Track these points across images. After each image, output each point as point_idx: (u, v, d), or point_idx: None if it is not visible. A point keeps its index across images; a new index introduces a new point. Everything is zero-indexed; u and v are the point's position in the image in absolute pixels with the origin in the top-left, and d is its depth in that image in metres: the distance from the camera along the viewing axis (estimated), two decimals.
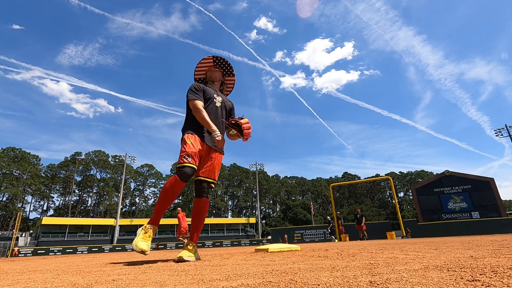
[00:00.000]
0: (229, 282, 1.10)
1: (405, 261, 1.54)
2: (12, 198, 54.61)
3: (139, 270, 1.81)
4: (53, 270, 2.29)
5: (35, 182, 57.54)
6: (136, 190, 71.55)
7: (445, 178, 29.50)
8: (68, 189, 63.29)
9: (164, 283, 1.16)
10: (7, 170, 54.12)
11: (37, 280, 1.55)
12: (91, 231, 44.10)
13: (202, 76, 3.05)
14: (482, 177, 28.38)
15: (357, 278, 1.02)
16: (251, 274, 1.29)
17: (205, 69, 3.03)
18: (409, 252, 2.17)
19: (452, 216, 27.87)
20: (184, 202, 69.57)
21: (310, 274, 1.17)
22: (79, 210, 63.19)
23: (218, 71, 3.01)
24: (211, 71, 2.99)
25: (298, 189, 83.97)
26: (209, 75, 2.99)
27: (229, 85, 3.17)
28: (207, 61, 3.01)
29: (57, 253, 29.54)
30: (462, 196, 28.31)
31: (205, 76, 3.04)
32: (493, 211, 26.31)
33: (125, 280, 1.31)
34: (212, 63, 3.02)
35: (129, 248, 33.65)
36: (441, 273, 1.04)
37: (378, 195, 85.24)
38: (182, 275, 1.39)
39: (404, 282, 0.89)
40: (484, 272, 1.00)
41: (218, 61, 3.02)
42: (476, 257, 1.58)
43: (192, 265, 1.96)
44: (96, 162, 65.56)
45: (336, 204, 78.71)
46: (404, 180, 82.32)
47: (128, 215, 62.99)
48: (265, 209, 78.86)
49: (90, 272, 1.88)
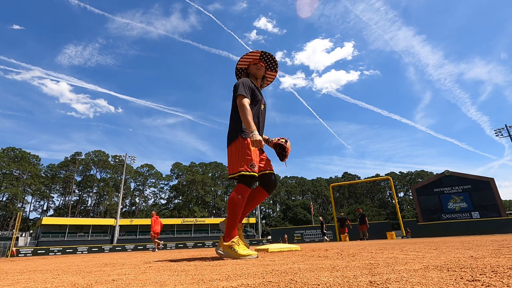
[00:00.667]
0: (229, 282, 1.10)
1: (405, 261, 1.54)
2: (12, 198, 54.63)
3: (139, 270, 1.81)
4: (53, 270, 2.29)
5: (35, 182, 57.56)
6: (136, 190, 71.57)
7: (445, 178, 29.50)
8: (68, 189, 63.32)
9: (164, 283, 1.16)
10: (7, 170, 54.14)
11: (37, 280, 1.55)
12: (91, 231, 44.11)
13: (244, 66, 2.99)
14: (482, 177, 28.39)
15: (357, 278, 1.02)
16: (251, 274, 1.29)
17: (249, 61, 2.95)
18: (409, 252, 2.17)
19: (452, 216, 27.86)
20: (184, 202, 69.60)
21: (310, 274, 1.17)
22: (79, 210, 63.21)
23: (263, 67, 2.95)
24: (256, 65, 2.91)
25: (298, 189, 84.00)
26: (254, 70, 2.92)
27: (269, 79, 3.12)
28: (254, 54, 2.94)
29: (57, 253, 29.55)
30: (462, 196, 28.31)
31: (248, 68, 2.97)
32: (493, 211, 26.31)
33: (125, 280, 1.31)
34: (259, 57, 2.95)
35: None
36: (441, 273, 1.04)
37: (378, 195, 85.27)
38: (182, 275, 1.39)
39: (404, 282, 0.89)
40: (484, 272, 1.00)
41: (265, 55, 2.96)
42: (476, 257, 1.58)
43: (192, 265, 1.96)
44: (96, 162, 65.58)
45: (336, 204, 78.74)
46: (404, 180, 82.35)
47: (128, 215, 63.00)
48: (265, 209, 78.89)
49: (90, 272, 1.88)
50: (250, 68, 2.94)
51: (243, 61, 2.95)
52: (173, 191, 73.44)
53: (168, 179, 74.24)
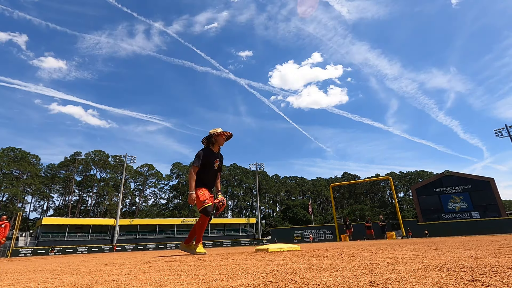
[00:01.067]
0: (229, 282, 1.10)
1: (405, 261, 1.54)
2: (12, 198, 54.63)
3: (139, 270, 1.81)
4: (53, 270, 2.29)
5: (35, 182, 57.54)
6: (136, 190, 71.54)
7: (445, 178, 29.49)
8: (68, 189, 63.29)
9: (164, 283, 1.16)
10: (7, 170, 54.13)
11: (37, 280, 1.55)
12: (91, 231, 44.09)
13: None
14: (482, 177, 28.38)
15: (357, 278, 1.02)
16: (251, 274, 1.29)
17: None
18: (409, 252, 2.17)
19: (452, 216, 27.85)
20: (184, 202, 69.63)
21: (310, 274, 1.17)
22: (79, 210, 63.19)
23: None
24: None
25: (298, 189, 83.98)
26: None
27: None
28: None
29: (57, 253, 29.55)
30: (462, 196, 28.31)
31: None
32: (493, 211, 26.30)
33: (125, 280, 1.31)
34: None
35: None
36: (441, 273, 1.04)
37: (378, 195, 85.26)
38: (182, 275, 1.39)
39: (404, 282, 0.89)
40: (484, 272, 1.00)
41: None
42: (476, 257, 1.58)
43: (192, 265, 1.97)
44: (96, 162, 65.55)
45: (336, 204, 78.73)
46: (404, 180, 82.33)
47: (128, 215, 62.95)
48: (265, 209, 78.88)
49: (90, 272, 1.88)
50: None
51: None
52: (173, 191, 73.47)
53: (168, 179, 74.29)
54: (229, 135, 4.29)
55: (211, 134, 4.19)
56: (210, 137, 4.18)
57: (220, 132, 4.19)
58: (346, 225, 18.49)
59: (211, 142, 4.17)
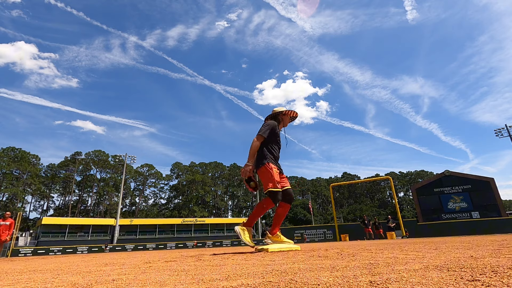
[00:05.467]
0: (229, 282, 1.10)
1: (405, 261, 1.54)
2: (12, 198, 54.63)
3: (139, 270, 1.81)
4: (53, 270, 2.29)
5: (35, 182, 57.55)
6: (136, 190, 71.56)
7: (445, 178, 29.48)
8: (68, 189, 63.28)
9: (164, 283, 1.16)
10: (7, 170, 54.13)
11: (37, 280, 1.55)
12: (91, 231, 44.09)
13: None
14: (482, 177, 28.37)
15: (357, 278, 1.02)
16: (251, 274, 1.29)
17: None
18: (409, 252, 2.17)
19: (452, 216, 27.85)
20: (184, 202, 69.67)
21: (310, 274, 1.17)
22: (79, 210, 63.18)
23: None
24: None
25: (298, 189, 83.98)
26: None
27: None
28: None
29: (57, 253, 29.55)
30: (462, 196, 28.29)
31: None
32: (493, 211, 26.30)
33: (125, 280, 1.31)
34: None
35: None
36: (441, 273, 1.04)
37: (378, 195, 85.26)
38: (182, 275, 1.39)
39: (404, 282, 0.89)
40: (484, 272, 1.00)
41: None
42: (476, 257, 1.58)
43: (192, 265, 1.97)
44: (96, 162, 65.55)
45: (336, 204, 78.72)
46: (404, 180, 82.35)
47: (128, 215, 62.95)
48: None
49: (90, 272, 1.88)
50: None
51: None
52: (173, 191, 73.46)
53: (168, 179, 74.27)
54: (295, 116, 3.80)
55: (277, 112, 3.71)
56: (275, 115, 3.71)
57: (287, 111, 3.72)
58: (365, 223, 18.56)
59: (278, 121, 3.69)
